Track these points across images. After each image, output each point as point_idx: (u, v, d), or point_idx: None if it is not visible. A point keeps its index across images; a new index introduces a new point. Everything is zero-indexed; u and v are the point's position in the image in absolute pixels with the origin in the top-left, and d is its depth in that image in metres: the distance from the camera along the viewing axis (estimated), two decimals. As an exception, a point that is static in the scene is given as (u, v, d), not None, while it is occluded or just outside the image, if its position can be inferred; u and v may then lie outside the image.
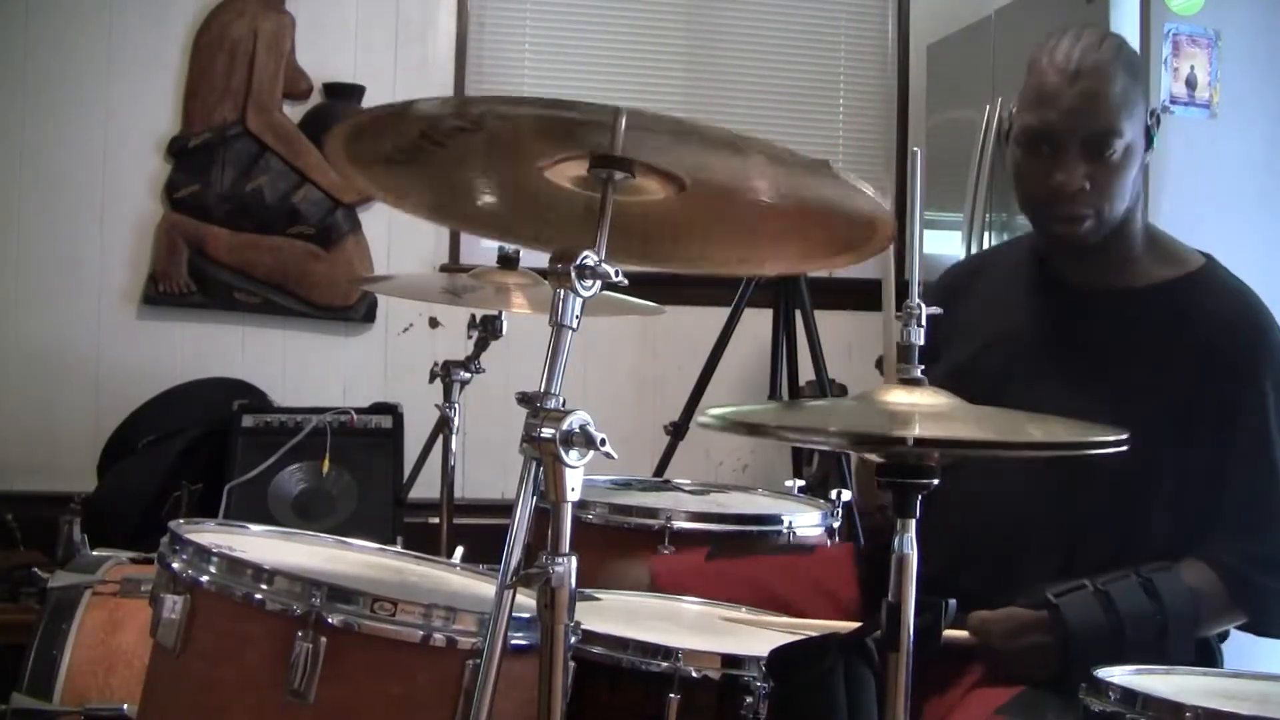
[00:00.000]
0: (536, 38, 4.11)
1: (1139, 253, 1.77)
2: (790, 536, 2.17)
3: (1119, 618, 1.51)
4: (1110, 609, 1.51)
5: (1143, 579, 1.54)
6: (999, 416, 1.28)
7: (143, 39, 3.80)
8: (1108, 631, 1.50)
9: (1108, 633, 1.50)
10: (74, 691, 1.92)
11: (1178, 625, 1.53)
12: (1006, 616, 1.57)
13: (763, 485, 2.71)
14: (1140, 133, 1.71)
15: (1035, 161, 1.72)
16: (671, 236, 1.54)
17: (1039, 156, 1.71)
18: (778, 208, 1.44)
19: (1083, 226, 1.70)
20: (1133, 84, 1.69)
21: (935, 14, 4.12)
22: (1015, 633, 1.56)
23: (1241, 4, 3.05)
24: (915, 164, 1.44)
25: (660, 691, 1.46)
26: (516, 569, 1.21)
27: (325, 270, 3.85)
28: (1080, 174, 1.67)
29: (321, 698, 1.35)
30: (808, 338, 3.32)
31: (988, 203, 3.44)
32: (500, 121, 1.33)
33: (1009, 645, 1.56)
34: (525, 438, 1.21)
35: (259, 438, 3.37)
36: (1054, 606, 1.53)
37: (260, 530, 1.76)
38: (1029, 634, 1.55)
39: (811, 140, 4.14)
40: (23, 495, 3.56)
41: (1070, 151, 1.67)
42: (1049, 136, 1.69)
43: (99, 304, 3.80)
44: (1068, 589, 1.54)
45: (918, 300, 1.29)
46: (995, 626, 1.57)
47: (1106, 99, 1.66)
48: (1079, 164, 1.67)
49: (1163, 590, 1.53)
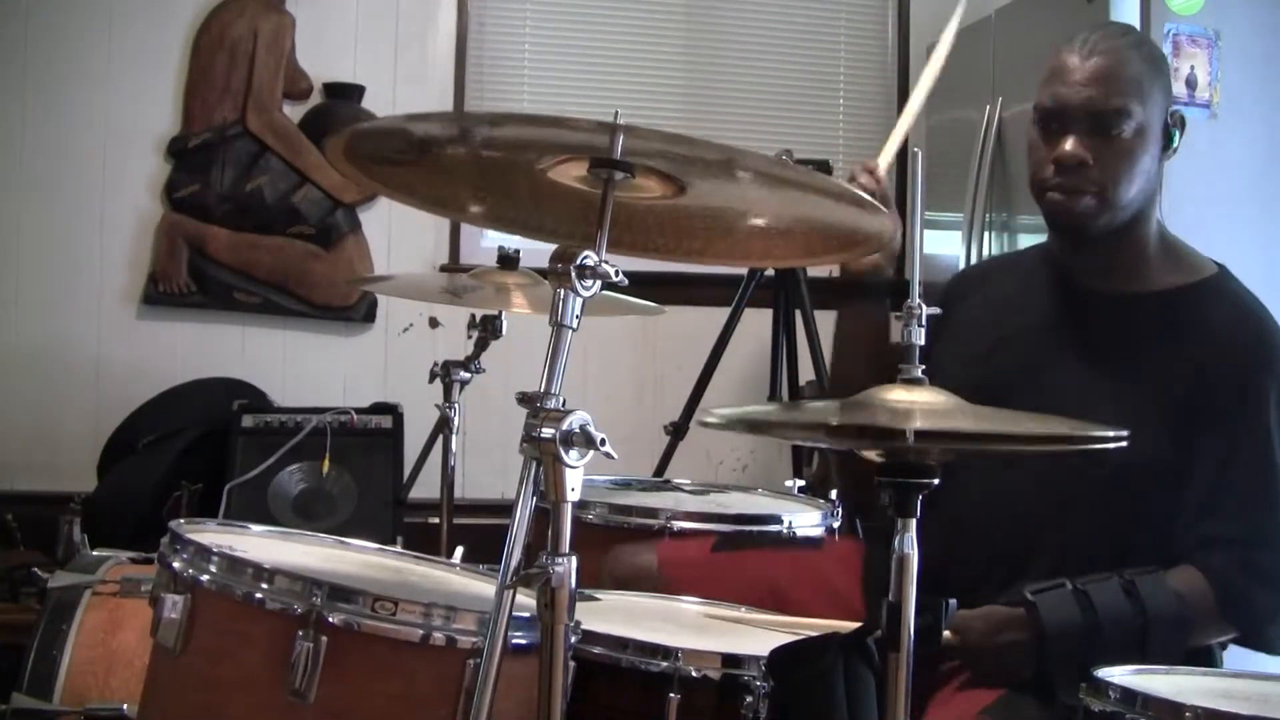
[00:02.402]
0: (536, 37, 4.11)
1: (1151, 257, 1.76)
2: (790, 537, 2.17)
3: (1097, 617, 1.50)
4: (1088, 608, 1.50)
5: (1125, 581, 1.53)
6: (997, 415, 1.28)
7: (143, 39, 3.80)
8: (1085, 631, 1.49)
9: (1085, 632, 1.49)
10: (74, 691, 1.92)
11: (1159, 628, 1.51)
12: (984, 614, 1.57)
13: (763, 485, 2.71)
14: (1156, 123, 1.70)
15: (1045, 137, 1.72)
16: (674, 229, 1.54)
17: (1049, 133, 1.71)
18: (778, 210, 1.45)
19: (1081, 202, 1.69)
20: (1150, 73, 1.69)
21: (935, 14, 4.11)
22: (992, 630, 1.55)
23: (1241, 4, 3.05)
24: (915, 164, 1.44)
25: (660, 691, 1.46)
26: (516, 569, 1.21)
27: (325, 270, 3.85)
28: (1084, 146, 1.67)
29: (322, 697, 1.36)
30: (808, 338, 3.32)
31: (988, 203, 3.44)
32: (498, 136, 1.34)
33: (986, 643, 1.55)
34: (525, 438, 1.21)
35: (259, 438, 3.37)
36: (1030, 604, 1.52)
37: (260, 530, 1.76)
38: (1005, 631, 1.54)
39: (811, 140, 4.13)
40: (23, 495, 3.56)
41: (1078, 125, 1.68)
42: (1059, 112, 1.70)
43: (99, 304, 3.79)
44: (1046, 587, 1.54)
45: (918, 300, 1.29)
46: (973, 623, 1.56)
47: (1117, 77, 1.66)
48: (1082, 139, 1.67)
49: (1145, 593, 1.52)
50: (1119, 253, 1.75)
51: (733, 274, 3.41)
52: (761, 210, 1.47)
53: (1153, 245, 1.77)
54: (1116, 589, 1.53)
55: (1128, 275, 1.75)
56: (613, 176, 1.30)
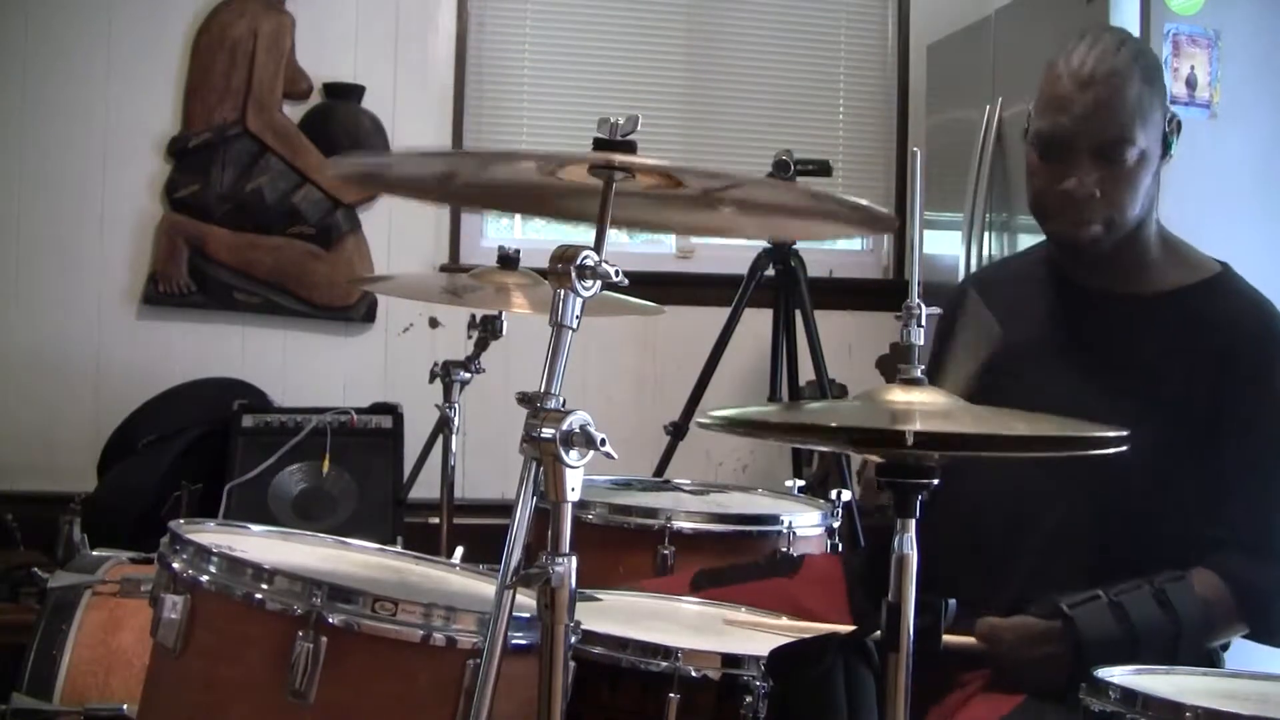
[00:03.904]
0: (536, 38, 4.11)
1: (1153, 258, 1.76)
2: (790, 537, 2.17)
3: (1133, 629, 1.49)
4: (1124, 620, 1.50)
5: (1156, 590, 1.52)
6: (999, 416, 1.28)
7: (143, 39, 3.80)
8: (1122, 642, 1.48)
9: (1122, 644, 1.48)
10: (74, 691, 1.92)
11: (1190, 636, 1.51)
12: (1019, 625, 1.56)
13: (763, 485, 2.71)
14: (1156, 140, 1.70)
15: (1047, 165, 1.71)
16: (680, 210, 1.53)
17: (1051, 161, 1.70)
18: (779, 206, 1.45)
19: (1090, 232, 1.69)
20: (1149, 91, 1.68)
21: (935, 14, 4.12)
22: (1027, 642, 1.54)
23: (1241, 4, 3.05)
24: (915, 164, 1.44)
25: (660, 691, 1.46)
26: (516, 569, 1.21)
27: (325, 270, 3.85)
28: (1091, 181, 1.66)
29: (322, 698, 1.35)
30: (808, 338, 3.32)
31: (988, 203, 3.44)
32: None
33: (1020, 655, 1.54)
34: (525, 438, 1.21)
35: (259, 438, 3.37)
36: (1068, 618, 1.51)
37: (260, 530, 1.76)
38: (1041, 644, 1.53)
39: (811, 140, 4.13)
40: (23, 495, 3.56)
41: (1082, 158, 1.66)
42: (1061, 142, 1.68)
43: (99, 304, 3.79)
44: (1082, 600, 1.52)
45: (918, 300, 1.29)
46: (1006, 634, 1.55)
47: (1119, 107, 1.65)
48: (1090, 171, 1.66)
49: (1176, 601, 1.52)
50: (1120, 258, 1.75)
51: (733, 274, 3.41)
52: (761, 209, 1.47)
53: (1154, 247, 1.76)
54: (1150, 600, 1.51)
55: (1131, 278, 1.75)
56: (612, 176, 1.30)
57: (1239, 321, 1.68)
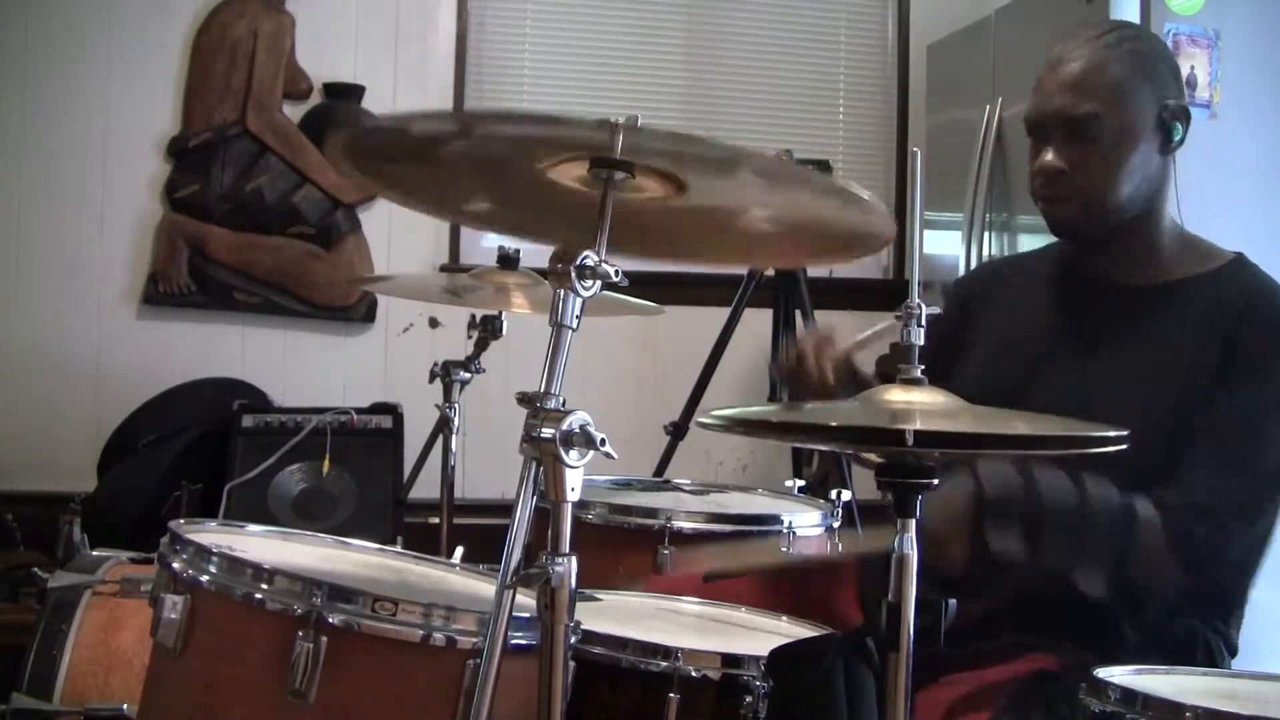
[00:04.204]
0: (536, 37, 4.11)
1: (1165, 250, 1.76)
2: (790, 537, 2.16)
3: (1038, 494, 1.49)
4: (1031, 484, 1.50)
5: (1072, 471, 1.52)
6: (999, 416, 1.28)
7: (143, 39, 3.80)
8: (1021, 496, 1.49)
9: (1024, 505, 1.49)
10: (74, 691, 1.92)
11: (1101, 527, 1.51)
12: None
13: (763, 485, 2.71)
14: (1144, 120, 1.70)
15: (1033, 149, 1.76)
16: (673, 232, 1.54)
17: (1034, 144, 1.76)
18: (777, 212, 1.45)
19: (1066, 209, 1.73)
20: (1129, 72, 1.70)
21: (935, 14, 4.12)
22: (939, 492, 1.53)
23: (1241, 4, 3.05)
24: (915, 164, 1.44)
25: (660, 691, 1.46)
26: (516, 569, 1.21)
27: (325, 270, 3.85)
28: (1060, 156, 1.71)
29: (322, 698, 1.35)
30: (808, 338, 3.32)
31: (988, 203, 3.44)
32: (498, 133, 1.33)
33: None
34: (525, 438, 1.21)
35: (259, 438, 3.37)
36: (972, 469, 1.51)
37: (260, 530, 1.76)
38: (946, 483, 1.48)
39: (811, 140, 4.14)
40: (23, 495, 3.56)
41: (1054, 136, 1.72)
42: (1036, 124, 1.75)
43: (99, 304, 3.80)
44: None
45: (918, 300, 1.29)
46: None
47: (1088, 83, 1.68)
48: (1060, 148, 1.71)
49: (1090, 485, 1.51)
50: (1128, 248, 1.75)
51: (733, 274, 3.41)
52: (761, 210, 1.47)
53: (1166, 239, 1.77)
54: (1061, 475, 1.52)
55: (1141, 268, 1.76)
56: (612, 176, 1.29)
57: (1252, 298, 1.68)
